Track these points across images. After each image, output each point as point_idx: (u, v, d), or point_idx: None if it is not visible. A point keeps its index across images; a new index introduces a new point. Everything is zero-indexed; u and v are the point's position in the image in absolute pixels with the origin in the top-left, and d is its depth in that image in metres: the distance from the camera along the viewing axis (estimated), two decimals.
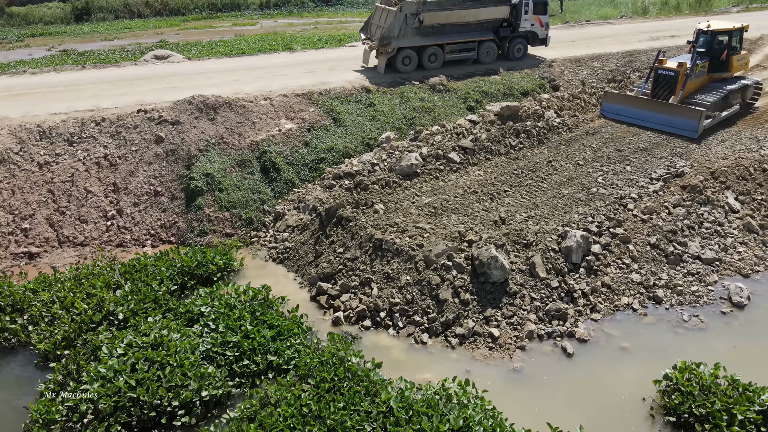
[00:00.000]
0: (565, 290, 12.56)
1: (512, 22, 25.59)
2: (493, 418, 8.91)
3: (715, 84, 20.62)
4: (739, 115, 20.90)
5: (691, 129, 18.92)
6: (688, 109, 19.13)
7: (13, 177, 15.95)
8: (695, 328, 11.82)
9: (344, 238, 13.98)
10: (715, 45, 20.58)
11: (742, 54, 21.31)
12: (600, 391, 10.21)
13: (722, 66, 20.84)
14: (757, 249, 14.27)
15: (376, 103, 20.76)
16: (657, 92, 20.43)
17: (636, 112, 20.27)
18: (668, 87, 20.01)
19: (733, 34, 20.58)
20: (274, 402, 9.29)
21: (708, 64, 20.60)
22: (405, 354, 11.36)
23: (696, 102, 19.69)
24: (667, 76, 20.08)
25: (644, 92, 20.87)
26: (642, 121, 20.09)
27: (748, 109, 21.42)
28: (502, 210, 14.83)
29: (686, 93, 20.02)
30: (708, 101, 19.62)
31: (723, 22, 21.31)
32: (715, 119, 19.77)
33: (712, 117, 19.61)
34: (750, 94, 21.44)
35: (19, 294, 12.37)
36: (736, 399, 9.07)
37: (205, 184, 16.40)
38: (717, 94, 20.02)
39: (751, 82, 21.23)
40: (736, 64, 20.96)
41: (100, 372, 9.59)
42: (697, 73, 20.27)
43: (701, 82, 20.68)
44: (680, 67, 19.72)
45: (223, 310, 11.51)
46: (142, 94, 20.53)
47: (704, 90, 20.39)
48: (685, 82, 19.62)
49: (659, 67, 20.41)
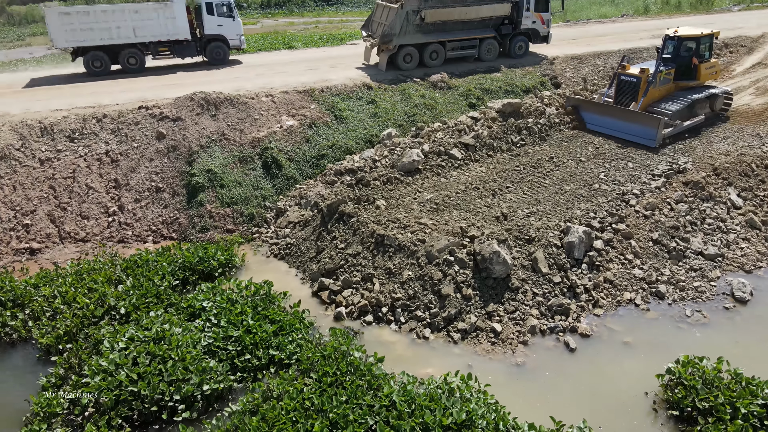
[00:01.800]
0: (568, 285, 12.53)
1: (514, 19, 25.58)
2: (496, 412, 8.89)
3: (681, 92, 19.76)
4: (708, 124, 19.76)
5: (649, 137, 18.03)
6: (648, 116, 18.21)
7: (15, 173, 15.93)
8: (698, 324, 11.78)
9: (346, 233, 13.95)
10: (683, 52, 19.71)
11: (711, 62, 20.39)
12: (603, 385, 10.18)
13: (690, 74, 19.96)
14: (760, 245, 14.24)
15: (377, 100, 20.74)
16: (620, 99, 19.62)
17: (597, 119, 19.46)
18: (631, 94, 19.22)
19: (702, 40, 19.62)
20: (277, 396, 9.26)
21: (674, 71, 19.73)
22: (407, 349, 11.33)
23: (659, 110, 18.91)
24: (629, 83, 19.27)
25: (607, 98, 20.14)
26: (602, 128, 19.24)
27: (719, 119, 20.31)
28: (504, 206, 14.80)
29: (649, 100, 19.22)
30: (671, 110, 18.80)
31: (692, 28, 20.35)
32: (677, 128, 18.67)
33: (673, 126, 18.58)
34: (719, 104, 20.30)
35: (20, 289, 12.35)
36: (740, 393, 9.04)
37: (206, 180, 16.37)
38: (681, 102, 19.16)
39: (720, 92, 20.19)
40: (704, 72, 20.03)
41: (102, 366, 9.58)
42: (662, 80, 19.41)
43: (667, 89, 19.79)
44: (642, 74, 18.90)
45: (225, 305, 11.49)
46: (143, 90, 20.52)
47: (669, 98, 19.53)
48: (647, 89, 18.83)
49: (622, 72, 19.63)
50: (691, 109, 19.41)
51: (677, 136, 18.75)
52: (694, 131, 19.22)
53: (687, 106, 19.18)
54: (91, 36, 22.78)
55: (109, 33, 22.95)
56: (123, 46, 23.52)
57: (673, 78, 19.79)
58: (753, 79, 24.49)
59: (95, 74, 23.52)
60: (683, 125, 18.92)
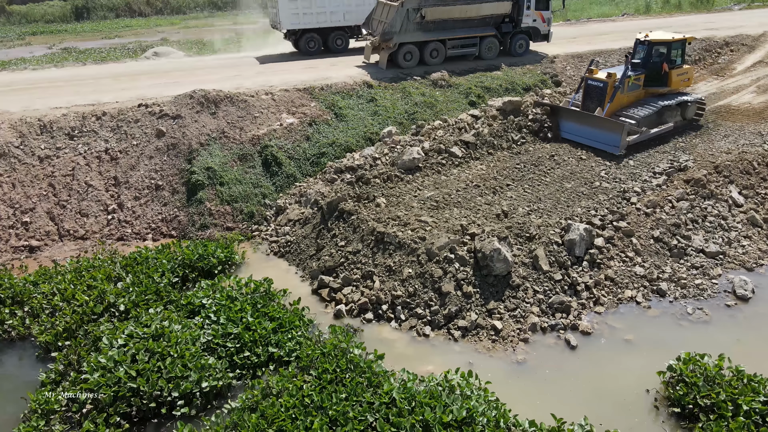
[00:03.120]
0: (569, 283, 12.48)
1: (514, 17, 25.52)
2: (497, 409, 8.84)
3: (652, 99, 18.94)
4: (682, 131, 19.08)
5: (613, 144, 17.31)
6: (612, 122, 17.44)
7: (14, 171, 15.90)
8: (699, 321, 11.73)
9: (346, 231, 13.91)
10: (654, 57, 18.93)
11: (684, 68, 19.42)
12: (603, 382, 10.13)
13: (660, 80, 19.11)
14: (762, 243, 14.18)
15: (377, 98, 20.69)
16: (587, 104, 18.77)
17: (566, 125, 18.73)
18: (597, 99, 18.37)
19: (673, 46, 18.82)
20: (276, 393, 9.22)
21: (644, 77, 18.91)
22: (407, 346, 11.28)
23: (625, 116, 18.14)
24: (596, 87, 18.45)
25: (574, 104, 19.37)
26: (569, 134, 18.56)
27: (691, 127, 19.49)
28: (505, 203, 14.75)
29: (616, 106, 18.40)
30: (637, 116, 17.98)
31: (664, 32, 19.62)
32: (643, 135, 17.92)
33: (639, 132, 17.81)
34: (692, 112, 19.50)
35: (19, 287, 12.32)
36: (741, 390, 8.99)
37: (206, 178, 16.33)
38: (649, 109, 18.29)
39: (692, 99, 19.28)
40: (675, 78, 19.13)
41: (101, 362, 9.54)
42: (631, 85, 18.57)
43: (636, 95, 18.98)
44: (609, 78, 18.09)
45: (225, 302, 11.45)
46: (142, 88, 20.49)
47: (638, 104, 18.68)
48: (613, 94, 17.97)
49: (589, 77, 18.77)
50: (661, 116, 18.70)
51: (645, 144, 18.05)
52: (661, 139, 18.41)
53: (655, 112, 18.38)
54: (310, 20, 26.46)
55: (324, 17, 26.68)
56: (333, 29, 27.22)
57: (643, 84, 19.03)
58: (754, 77, 24.46)
59: (308, 53, 27.10)
60: (650, 132, 18.16)
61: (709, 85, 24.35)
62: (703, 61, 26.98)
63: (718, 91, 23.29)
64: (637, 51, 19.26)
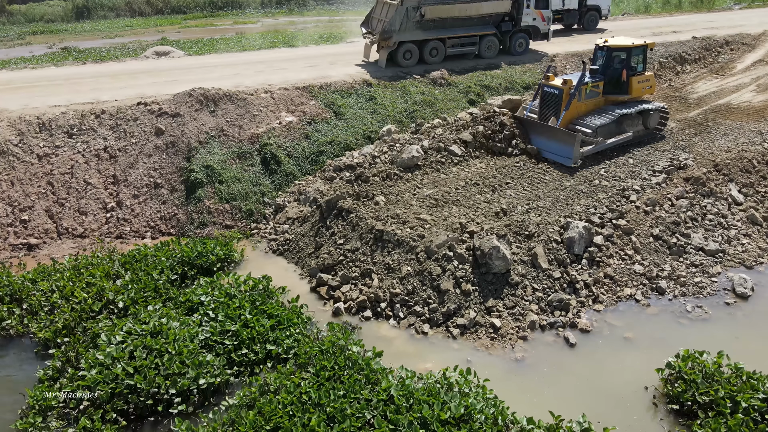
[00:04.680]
0: (568, 281, 12.46)
1: (514, 16, 25.50)
2: (495, 406, 8.83)
3: (611, 107, 18.04)
4: (645, 141, 18.31)
5: (566, 155, 16.54)
6: (564, 132, 16.64)
7: (13, 169, 15.88)
8: (699, 319, 11.71)
9: (345, 229, 13.89)
10: (615, 63, 18.08)
11: (645, 75, 18.57)
12: (602, 380, 10.11)
13: (620, 87, 18.24)
14: (761, 241, 14.16)
15: (377, 97, 20.68)
16: (544, 112, 17.96)
17: (530, 134, 17.90)
18: (554, 107, 17.56)
19: (633, 52, 18.01)
20: (274, 390, 9.21)
21: (604, 84, 18.03)
22: (406, 344, 11.27)
23: (582, 125, 17.31)
24: (552, 94, 17.63)
25: (531, 111, 18.65)
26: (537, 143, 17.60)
27: (655, 136, 18.67)
28: (504, 201, 14.73)
29: (573, 114, 17.54)
30: (593, 124, 17.08)
31: (623, 38, 18.68)
32: (599, 146, 17.08)
33: (594, 143, 16.95)
34: (654, 120, 18.61)
35: (17, 284, 12.31)
36: (740, 387, 8.97)
37: (205, 176, 16.31)
38: (606, 117, 17.38)
39: (653, 108, 18.32)
40: (636, 86, 18.24)
41: (98, 359, 9.52)
42: (588, 93, 17.71)
43: (595, 103, 18.10)
44: (564, 85, 17.24)
45: (223, 299, 11.44)
46: (142, 87, 20.47)
47: (596, 112, 17.81)
48: (569, 102, 17.12)
49: (545, 83, 17.92)
50: (620, 125, 17.81)
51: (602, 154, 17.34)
52: (620, 149, 17.66)
53: (613, 121, 17.46)
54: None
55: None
56: None
57: (603, 91, 18.14)
58: (754, 76, 24.44)
59: None
60: (606, 143, 17.30)
61: (709, 83, 24.32)
62: (703, 60, 26.95)
63: (718, 90, 23.27)
64: (597, 57, 18.53)
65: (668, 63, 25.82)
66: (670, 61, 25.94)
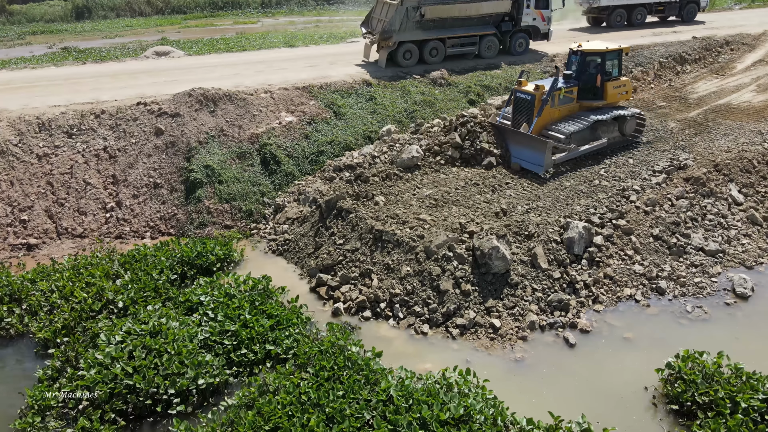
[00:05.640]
0: (567, 281, 12.45)
1: (514, 16, 25.49)
2: (494, 407, 8.82)
3: (585, 113, 17.52)
4: (622, 148, 17.80)
5: (537, 163, 16.06)
6: (536, 140, 16.20)
7: (12, 169, 15.88)
8: (698, 319, 11.70)
9: (344, 229, 13.88)
10: (591, 68, 17.62)
11: (621, 80, 18.10)
12: (602, 380, 10.10)
13: (595, 93, 17.73)
14: (761, 241, 14.15)
15: (377, 97, 20.67)
16: (517, 118, 17.34)
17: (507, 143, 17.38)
18: (526, 113, 16.97)
19: (608, 56, 17.56)
20: (273, 390, 9.20)
21: (578, 89, 17.55)
22: (405, 344, 11.26)
23: (555, 131, 16.86)
24: (524, 100, 17.05)
25: (504, 117, 18.01)
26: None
27: (632, 143, 18.15)
28: (504, 202, 14.72)
29: (546, 121, 17.03)
30: (566, 131, 16.64)
31: (599, 42, 18.26)
32: (572, 153, 16.52)
33: (567, 150, 16.45)
34: (631, 127, 18.03)
35: (17, 284, 12.30)
36: (740, 387, 8.96)
37: (204, 176, 16.31)
38: (579, 124, 16.94)
39: (629, 114, 17.77)
40: (611, 91, 17.72)
41: (98, 359, 9.51)
42: (562, 98, 17.23)
43: (569, 109, 17.60)
44: (537, 91, 16.74)
45: (223, 299, 11.43)
46: (142, 87, 20.46)
47: (570, 119, 17.36)
48: (541, 108, 16.58)
49: (518, 89, 17.35)
50: (595, 131, 17.30)
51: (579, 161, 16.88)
52: (598, 156, 17.18)
53: (587, 128, 16.98)
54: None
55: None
56: (635, 6, 31.79)
57: (577, 97, 17.65)
58: (754, 76, 24.42)
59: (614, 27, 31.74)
60: (579, 150, 16.70)
61: (709, 83, 24.30)
62: (704, 60, 26.93)
63: (718, 90, 23.25)
64: (571, 62, 18.09)
65: (668, 63, 25.80)
66: (671, 61, 25.92)
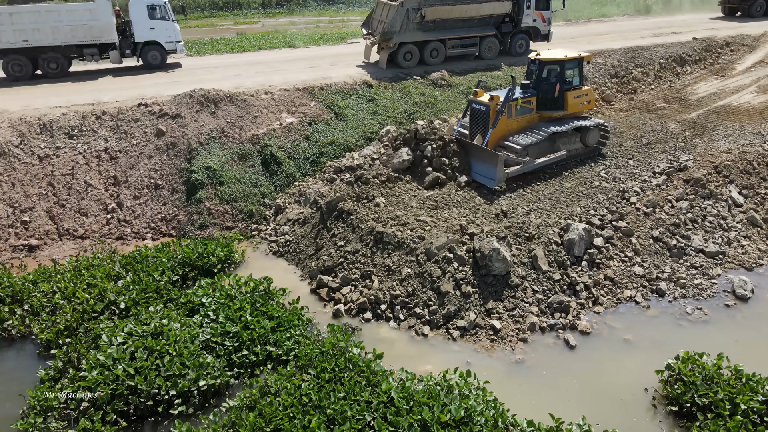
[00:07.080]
0: (568, 283, 12.47)
1: (514, 17, 25.55)
2: (495, 408, 8.84)
3: (544, 124, 16.88)
4: (585, 159, 17.22)
5: (490, 176, 15.46)
6: (487, 152, 15.58)
7: (13, 170, 15.90)
8: (698, 321, 11.72)
9: (345, 231, 13.91)
10: (551, 78, 16.98)
11: (583, 90, 17.41)
12: (602, 382, 10.13)
13: (555, 103, 17.10)
14: (761, 243, 14.17)
15: (377, 98, 20.70)
16: (474, 130, 16.74)
17: None
18: (482, 124, 16.39)
19: (567, 65, 16.88)
20: (274, 391, 9.22)
21: (537, 99, 16.94)
22: (406, 346, 11.28)
23: (512, 142, 16.30)
24: (479, 111, 16.47)
25: (461, 128, 17.44)
26: None
27: (595, 154, 17.52)
28: (504, 203, 14.74)
29: (503, 132, 16.46)
30: (521, 143, 16.00)
31: (558, 50, 17.65)
32: (527, 166, 15.84)
33: (522, 162, 15.76)
34: (594, 138, 17.28)
35: (18, 285, 12.32)
36: (740, 389, 8.98)
37: (205, 177, 16.33)
38: (536, 135, 16.27)
39: (591, 124, 17.03)
40: (572, 101, 17.06)
41: (99, 360, 9.54)
42: (519, 109, 16.64)
43: (528, 120, 16.98)
44: (491, 102, 16.12)
45: (224, 300, 11.46)
46: (142, 88, 20.50)
47: (528, 130, 16.72)
48: (496, 119, 15.94)
49: (473, 99, 16.72)
50: (554, 143, 16.64)
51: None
52: (560, 167, 16.61)
53: (544, 139, 16.29)
54: None
55: None
56: None
57: (537, 107, 17.02)
58: (754, 77, 24.44)
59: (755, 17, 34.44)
60: (535, 162, 16.03)
61: (709, 85, 24.32)
62: (704, 61, 26.95)
63: (718, 91, 23.27)
64: (530, 71, 17.51)
65: (668, 64, 25.83)
66: (671, 62, 25.94)
